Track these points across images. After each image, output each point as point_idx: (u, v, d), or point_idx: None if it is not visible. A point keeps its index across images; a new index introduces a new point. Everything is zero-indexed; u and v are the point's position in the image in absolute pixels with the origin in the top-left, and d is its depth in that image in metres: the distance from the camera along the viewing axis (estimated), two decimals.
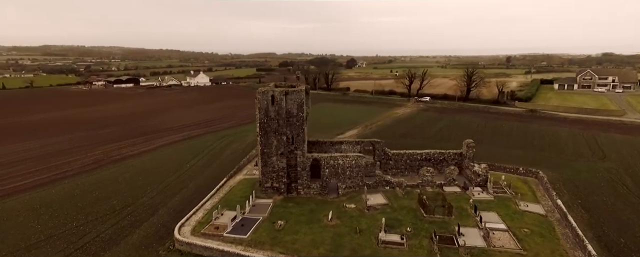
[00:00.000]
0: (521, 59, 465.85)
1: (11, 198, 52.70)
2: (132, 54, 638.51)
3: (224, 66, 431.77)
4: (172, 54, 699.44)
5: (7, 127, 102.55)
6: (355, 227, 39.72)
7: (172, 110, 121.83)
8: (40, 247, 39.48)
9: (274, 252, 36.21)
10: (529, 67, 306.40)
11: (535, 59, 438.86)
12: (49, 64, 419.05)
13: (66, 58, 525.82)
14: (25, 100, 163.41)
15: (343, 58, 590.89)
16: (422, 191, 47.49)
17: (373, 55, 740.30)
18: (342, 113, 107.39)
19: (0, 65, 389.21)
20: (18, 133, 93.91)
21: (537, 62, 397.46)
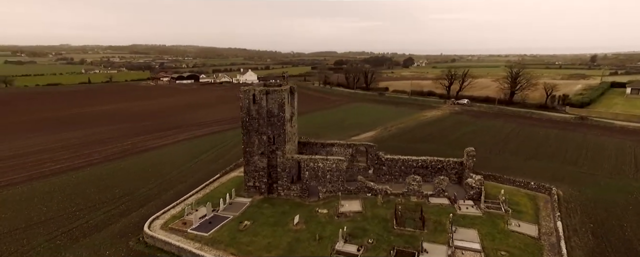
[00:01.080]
0: (611, 59, 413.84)
1: (38, 181, 57.87)
2: (203, 52, 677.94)
3: (281, 64, 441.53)
4: (238, 52, 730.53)
5: (67, 116, 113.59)
6: (317, 234, 37.87)
7: (210, 106, 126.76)
8: (35, 228, 42.61)
9: (226, 252, 35.62)
10: (616, 68, 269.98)
11: (630, 59, 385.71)
12: (133, 61, 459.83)
13: (148, 56, 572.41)
14: (98, 94, 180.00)
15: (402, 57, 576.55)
16: (401, 200, 44.06)
17: (437, 54, 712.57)
18: (369, 114, 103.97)
19: (96, 63, 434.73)
20: (71, 123, 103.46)
21: (632, 61, 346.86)
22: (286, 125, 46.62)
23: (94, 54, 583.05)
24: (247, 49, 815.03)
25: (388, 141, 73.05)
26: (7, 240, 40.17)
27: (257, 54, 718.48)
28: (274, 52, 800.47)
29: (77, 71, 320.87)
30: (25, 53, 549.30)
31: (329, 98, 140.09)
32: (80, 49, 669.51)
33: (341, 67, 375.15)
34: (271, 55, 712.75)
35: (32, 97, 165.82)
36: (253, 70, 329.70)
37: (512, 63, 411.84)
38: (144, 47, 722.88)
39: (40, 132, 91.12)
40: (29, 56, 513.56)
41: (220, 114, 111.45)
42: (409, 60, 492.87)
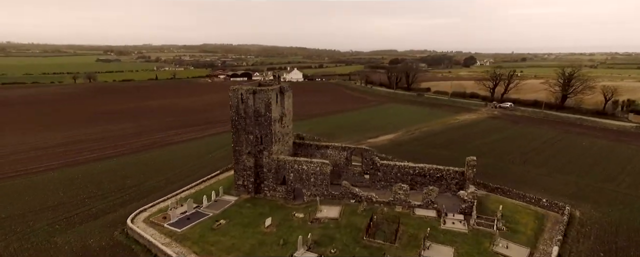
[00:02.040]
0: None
1: (68, 169, 62.78)
2: (265, 51, 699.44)
3: (335, 63, 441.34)
4: (297, 51, 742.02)
5: (121, 110, 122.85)
6: (283, 239, 36.49)
7: None
8: (44, 212, 45.98)
9: (189, 250, 35.58)
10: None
11: None
12: (200, 59, 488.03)
13: (215, 54, 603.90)
14: (158, 89, 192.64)
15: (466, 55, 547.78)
16: (383, 210, 41.01)
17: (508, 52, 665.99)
18: (398, 115, 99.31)
19: (168, 61, 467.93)
20: (122, 116, 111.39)
21: None
22: (274, 125, 45.64)
23: (169, 52, 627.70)
24: (307, 48, 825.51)
25: (405, 145, 69.11)
26: (17, 221, 43.88)
27: (315, 52, 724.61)
28: (333, 51, 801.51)
29: (150, 68, 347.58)
30: (114, 52, 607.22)
31: (365, 98, 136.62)
32: (159, 48, 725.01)
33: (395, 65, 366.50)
34: (330, 54, 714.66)
35: (104, 91, 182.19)
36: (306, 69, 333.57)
37: (594, 63, 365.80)
38: (213, 47, 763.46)
39: (91, 124, 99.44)
40: (117, 55, 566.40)
41: None
42: (470, 59, 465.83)
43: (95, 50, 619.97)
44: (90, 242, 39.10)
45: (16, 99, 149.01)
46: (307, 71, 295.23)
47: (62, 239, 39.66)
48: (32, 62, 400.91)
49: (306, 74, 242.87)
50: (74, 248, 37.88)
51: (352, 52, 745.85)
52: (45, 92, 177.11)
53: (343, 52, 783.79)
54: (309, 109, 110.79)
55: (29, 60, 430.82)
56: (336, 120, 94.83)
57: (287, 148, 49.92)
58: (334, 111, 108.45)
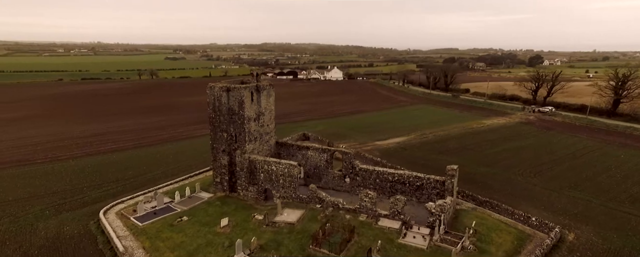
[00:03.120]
0: None
1: (87, 158, 66.69)
2: (321, 49, 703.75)
3: (388, 61, 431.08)
4: (353, 49, 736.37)
5: (162, 105, 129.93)
6: (228, 241, 35.39)
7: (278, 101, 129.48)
8: (45, 197, 48.80)
9: (139, 245, 35.84)
10: None
11: None
12: (257, 58, 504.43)
13: (272, 53, 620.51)
14: (205, 85, 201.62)
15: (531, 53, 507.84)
16: (340, 217, 38.21)
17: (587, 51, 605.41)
18: (421, 117, 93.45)
19: (228, 59, 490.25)
20: (160, 110, 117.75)
21: None
22: (248, 124, 44.65)
23: (231, 51, 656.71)
24: (363, 47, 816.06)
25: (411, 149, 64.68)
26: (18, 204, 47.30)
27: (371, 51, 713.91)
28: (390, 50, 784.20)
29: (208, 66, 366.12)
30: (182, 51, 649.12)
31: (396, 98, 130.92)
32: (222, 47, 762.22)
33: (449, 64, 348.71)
34: (386, 52, 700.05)
35: (158, 87, 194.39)
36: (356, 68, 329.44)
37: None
38: (272, 46, 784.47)
39: (128, 117, 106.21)
40: (184, 53, 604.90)
41: (281, 109, 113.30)
42: (536, 58, 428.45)
43: (166, 49, 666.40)
44: (66, 229, 40.93)
45: (82, 93, 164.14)
46: (355, 70, 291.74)
47: (44, 225, 41.94)
48: (113, 60, 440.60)
49: (351, 73, 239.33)
50: (49, 234, 39.81)
51: (409, 51, 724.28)
52: (110, 87, 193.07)
53: (400, 50, 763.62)
54: (334, 109, 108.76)
55: (111, 58, 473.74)
56: (355, 120, 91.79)
57: (267, 148, 48.76)
58: (357, 111, 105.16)
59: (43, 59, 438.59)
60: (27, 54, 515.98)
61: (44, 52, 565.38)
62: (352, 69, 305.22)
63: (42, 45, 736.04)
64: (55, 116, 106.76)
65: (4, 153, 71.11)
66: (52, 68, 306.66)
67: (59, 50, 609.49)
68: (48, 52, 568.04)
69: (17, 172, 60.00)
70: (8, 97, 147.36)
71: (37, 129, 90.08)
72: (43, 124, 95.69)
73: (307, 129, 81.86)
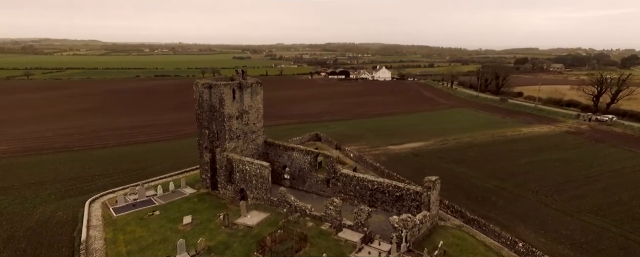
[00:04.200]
0: None
1: (115, 148, 71.27)
2: (385, 49, 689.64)
3: (449, 62, 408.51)
4: (419, 49, 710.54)
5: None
6: (179, 240, 34.56)
7: (315, 100, 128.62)
8: (58, 183, 52.30)
9: (102, 236, 36.55)
10: None
11: None
12: (317, 58, 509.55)
13: (334, 53, 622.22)
14: None
15: (629, 53, 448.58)
16: (301, 224, 35.55)
17: None
18: (453, 121, 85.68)
19: (290, 58, 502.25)
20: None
21: None
22: (230, 121, 43.87)
23: (294, 51, 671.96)
24: (430, 46, 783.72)
25: (423, 156, 59.40)
26: (34, 188, 51.36)
27: (437, 51, 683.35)
28: (458, 49, 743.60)
29: (268, 65, 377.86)
30: (250, 50, 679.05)
31: (438, 101, 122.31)
32: (286, 47, 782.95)
33: (518, 66, 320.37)
34: (454, 52, 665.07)
35: None
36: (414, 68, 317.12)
37: None
38: (335, 45, 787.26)
39: (169, 112, 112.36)
40: (251, 53, 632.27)
41: (310, 108, 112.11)
42: (631, 59, 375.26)
43: (236, 49, 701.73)
44: (58, 214, 43.30)
45: (142, 89, 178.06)
46: (413, 70, 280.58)
47: (43, 209, 44.84)
48: (187, 59, 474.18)
49: (403, 73, 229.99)
50: (41, 218, 42.28)
51: (479, 51, 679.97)
52: (172, 83, 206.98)
53: (469, 50, 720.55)
54: (366, 110, 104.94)
55: (186, 57, 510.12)
56: (380, 122, 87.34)
57: (254, 147, 47.65)
58: (389, 113, 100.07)
59: (131, 58, 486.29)
60: (120, 54, 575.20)
61: (133, 51, 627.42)
62: (410, 69, 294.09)
63: (134, 45, 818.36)
64: (108, 109, 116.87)
65: (50, 140, 78.98)
66: (135, 66, 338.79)
67: (145, 50, 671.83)
68: (136, 51, 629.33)
69: (51, 158, 65.91)
70: (81, 91, 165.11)
71: (87, 120, 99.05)
72: (94, 116, 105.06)
73: (327, 129, 79.68)
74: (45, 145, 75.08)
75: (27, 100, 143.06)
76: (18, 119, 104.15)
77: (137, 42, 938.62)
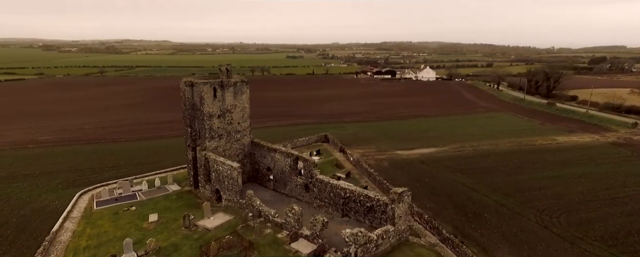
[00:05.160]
0: None
1: (138, 142, 75.09)
2: (443, 48, 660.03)
3: (511, 62, 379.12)
4: (481, 48, 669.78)
5: None
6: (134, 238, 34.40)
7: (345, 100, 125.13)
8: (73, 173, 55.62)
9: (73, 227, 37.68)
10: None
11: None
12: (369, 57, 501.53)
13: (387, 52, 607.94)
14: (297, 83, 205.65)
15: None
16: (256, 231, 33.69)
17: None
18: (479, 126, 78.02)
19: (342, 58, 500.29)
20: None
21: None
22: (210, 120, 43.35)
23: (349, 50, 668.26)
24: (493, 45, 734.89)
25: (429, 163, 54.53)
26: (50, 176, 54.90)
27: (501, 49, 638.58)
28: (527, 48, 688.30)
29: (319, 64, 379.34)
30: (304, 49, 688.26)
31: (478, 103, 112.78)
32: (340, 46, 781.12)
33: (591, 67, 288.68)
34: (521, 51, 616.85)
35: (255, 82, 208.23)
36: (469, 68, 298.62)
37: None
38: (391, 44, 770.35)
39: None
40: (305, 52, 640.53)
41: (341, 108, 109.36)
42: None
43: (291, 48, 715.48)
44: (54, 204, 45.40)
45: None
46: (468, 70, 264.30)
47: (45, 197, 47.41)
48: (244, 57, 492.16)
49: (452, 73, 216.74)
50: (39, 206, 44.46)
51: (552, 49, 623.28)
52: None
53: (540, 49, 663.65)
54: (394, 111, 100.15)
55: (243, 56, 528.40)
56: (401, 125, 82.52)
57: (239, 146, 46.76)
58: (417, 115, 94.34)
59: (194, 57, 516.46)
60: (186, 53, 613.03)
61: (197, 51, 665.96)
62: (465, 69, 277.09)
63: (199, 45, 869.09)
64: (149, 105, 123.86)
65: (86, 132, 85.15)
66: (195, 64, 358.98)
67: (208, 50, 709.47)
68: (200, 51, 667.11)
69: (76, 149, 70.80)
70: (137, 87, 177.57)
71: (126, 115, 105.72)
72: (134, 111, 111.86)
73: (341, 130, 77.06)
74: (80, 136, 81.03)
75: (88, 95, 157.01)
76: (69, 112, 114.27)
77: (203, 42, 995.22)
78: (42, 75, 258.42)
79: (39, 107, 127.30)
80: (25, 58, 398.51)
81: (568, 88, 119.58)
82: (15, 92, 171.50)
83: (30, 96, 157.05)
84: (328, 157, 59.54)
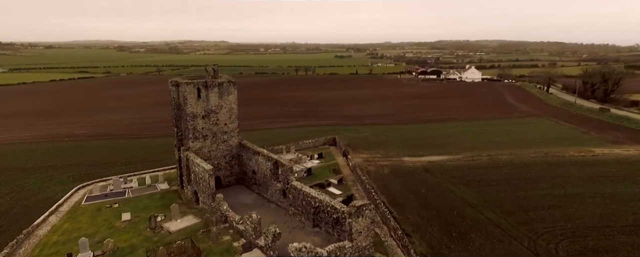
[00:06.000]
0: None
1: (155, 138, 77.77)
2: (503, 46, 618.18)
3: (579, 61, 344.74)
4: (547, 46, 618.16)
5: (268, 98, 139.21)
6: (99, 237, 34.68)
7: (375, 101, 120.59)
8: (83, 167, 58.60)
9: (55, 222, 39.03)
10: None
11: None
12: (420, 56, 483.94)
13: (441, 51, 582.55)
14: (331, 82, 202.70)
15: None
16: (211, 237, 32.44)
17: None
18: (508, 133, 70.50)
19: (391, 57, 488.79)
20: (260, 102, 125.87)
21: None
22: (194, 121, 43.07)
23: (400, 49, 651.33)
24: (564, 43, 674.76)
25: (435, 172, 49.96)
26: (66, 169, 58.24)
27: (572, 48, 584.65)
28: (605, 46, 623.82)
29: (365, 64, 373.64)
30: (354, 49, 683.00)
31: (518, 107, 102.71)
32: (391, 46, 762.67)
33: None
34: (597, 49, 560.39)
35: (294, 82, 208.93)
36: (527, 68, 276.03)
37: None
38: (446, 43, 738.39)
39: None
40: (355, 52, 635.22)
41: (367, 110, 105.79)
42: None
43: (341, 48, 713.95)
44: (56, 196, 48.09)
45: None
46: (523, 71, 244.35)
47: (52, 190, 49.93)
48: (293, 57, 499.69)
49: (500, 73, 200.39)
50: (41, 198, 46.50)
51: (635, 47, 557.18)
52: (261, 80, 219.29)
53: (621, 46, 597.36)
54: (419, 114, 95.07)
55: (293, 56, 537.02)
56: (420, 129, 77.61)
57: (226, 148, 46.05)
58: (443, 119, 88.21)
59: (247, 57, 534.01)
60: (240, 53, 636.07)
61: (250, 51, 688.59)
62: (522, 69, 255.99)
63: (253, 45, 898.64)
64: None
65: (119, 128, 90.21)
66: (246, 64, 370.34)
67: (261, 49, 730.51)
68: (253, 51, 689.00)
69: (106, 143, 75.13)
70: None
71: (162, 112, 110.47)
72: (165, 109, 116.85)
73: (355, 133, 74.15)
74: (112, 131, 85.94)
75: (137, 93, 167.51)
76: (114, 108, 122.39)
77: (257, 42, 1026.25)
78: (109, 74, 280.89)
79: (92, 103, 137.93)
80: (100, 58, 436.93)
81: (631, 92, 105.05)
82: (81, 89, 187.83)
83: (91, 93, 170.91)
84: (329, 161, 57.20)
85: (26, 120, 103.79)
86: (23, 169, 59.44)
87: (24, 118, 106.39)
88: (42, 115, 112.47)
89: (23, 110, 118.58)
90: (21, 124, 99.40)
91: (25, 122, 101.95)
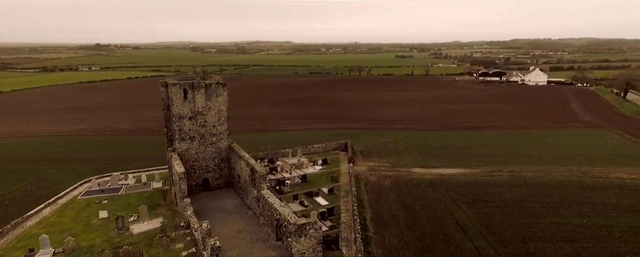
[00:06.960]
0: None
1: None
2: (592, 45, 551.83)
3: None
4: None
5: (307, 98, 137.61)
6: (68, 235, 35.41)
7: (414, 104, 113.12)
8: (107, 161, 63.01)
9: (47, 214, 41.25)
10: None
11: None
12: (490, 56, 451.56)
13: (515, 51, 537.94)
14: (384, 83, 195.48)
15: None
16: (163, 243, 31.48)
17: None
18: (542, 146, 60.90)
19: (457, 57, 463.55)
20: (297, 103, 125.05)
21: None
22: (180, 122, 43.04)
23: (468, 49, 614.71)
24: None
25: (437, 187, 44.71)
26: (86, 162, 62.64)
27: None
28: None
29: (425, 64, 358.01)
30: (418, 49, 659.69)
31: (578, 115, 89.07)
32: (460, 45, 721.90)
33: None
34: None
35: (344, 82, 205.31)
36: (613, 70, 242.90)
37: None
38: (522, 42, 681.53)
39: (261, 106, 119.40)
40: (418, 51, 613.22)
41: (399, 114, 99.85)
42: None
43: (404, 48, 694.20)
44: (67, 188, 51.93)
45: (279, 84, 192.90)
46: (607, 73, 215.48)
47: (69, 181, 53.20)
48: (352, 57, 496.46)
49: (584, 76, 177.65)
50: (57, 189, 49.52)
51: None
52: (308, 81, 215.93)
53: None
54: (455, 120, 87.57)
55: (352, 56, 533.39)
56: (455, 136, 70.85)
57: (214, 150, 45.47)
58: (484, 126, 79.87)
59: (307, 56, 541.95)
60: (302, 53, 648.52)
61: (312, 51, 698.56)
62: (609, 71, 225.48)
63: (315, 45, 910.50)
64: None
65: (153, 123, 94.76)
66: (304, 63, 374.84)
67: (322, 50, 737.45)
68: (315, 51, 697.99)
69: (139, 139, 79.84)
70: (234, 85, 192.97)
71: None
72: None
73: (377, 138, 70.21)
74: (150, 127, 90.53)
75: None
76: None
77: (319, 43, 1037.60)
78: (177, 72, 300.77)
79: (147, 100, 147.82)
80: (174, 58, 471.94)
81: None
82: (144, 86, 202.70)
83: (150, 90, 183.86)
84: (333, 167, 54.29)
85: (84, 115, 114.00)
86: (54, 160, 64.66)
87: (83, 112, 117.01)
88: (99, 110, 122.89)
89: (84, 105, 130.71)
90: (78, 118, 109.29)
91: (83, 116, 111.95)
